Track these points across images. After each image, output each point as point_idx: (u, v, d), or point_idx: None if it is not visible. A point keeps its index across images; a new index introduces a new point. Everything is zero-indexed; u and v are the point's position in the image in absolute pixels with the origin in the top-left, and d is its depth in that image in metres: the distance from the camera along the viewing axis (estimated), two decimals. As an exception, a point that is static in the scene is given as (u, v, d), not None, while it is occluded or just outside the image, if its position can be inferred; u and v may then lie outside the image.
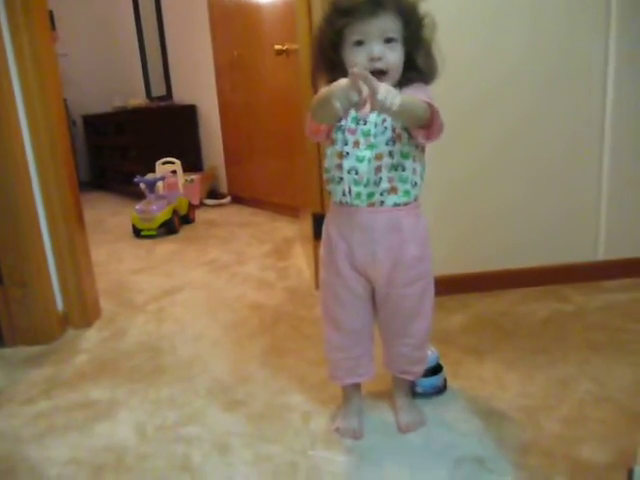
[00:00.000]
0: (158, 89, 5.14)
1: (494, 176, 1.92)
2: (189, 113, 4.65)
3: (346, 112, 0.90)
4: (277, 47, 2.34)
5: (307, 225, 2.21)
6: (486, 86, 1.84)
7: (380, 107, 0.85)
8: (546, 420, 1.20)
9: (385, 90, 0.84)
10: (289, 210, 3.41)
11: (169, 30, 4.77)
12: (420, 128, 1.00)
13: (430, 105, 0.97)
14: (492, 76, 1.83)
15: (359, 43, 1.00)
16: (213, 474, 1.12)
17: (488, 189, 1.93)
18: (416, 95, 0.97)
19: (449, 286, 1.92)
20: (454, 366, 1.44)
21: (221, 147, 4.35)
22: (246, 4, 3.62)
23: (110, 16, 5.54)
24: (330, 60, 1.05)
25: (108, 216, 4.05)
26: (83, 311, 1.92)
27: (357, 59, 1.00)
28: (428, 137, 1.02)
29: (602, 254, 2.00)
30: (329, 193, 1.13)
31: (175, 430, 1.28)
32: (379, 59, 0.99)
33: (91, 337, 1.85)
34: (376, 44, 0.99)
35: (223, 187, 4.43)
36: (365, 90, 0.86)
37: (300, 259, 2.55)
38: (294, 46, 2.14)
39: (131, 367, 1.61)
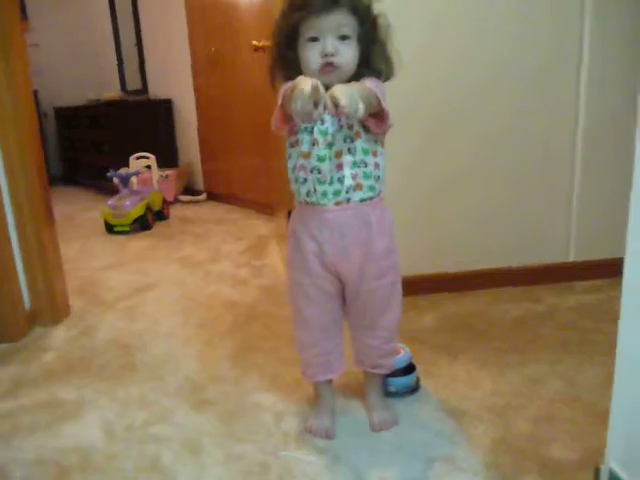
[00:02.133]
0: (133, 82, 5.06)
1: (470, 179, 1.93)
2: (165, 108, 4.58)
3: (303, 119, 0.91)
4: (255, 43, 2.32)
5: (282, 223, 2.19)
6: (464, 92, 1.85)
7: (347, 114, 0.87)
8: (517, 419, 1.22)
9: (348, 99, 0.85)
10: (265, 207, 3.39)
11: (145, 22, 4.69)
12: (371, 117, 1.00)
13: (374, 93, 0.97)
14: (470, 82, 1.85)
15: (313, 39, 1.00)
16: (183, 474, 1.10)
17: (463, 192, 1.94)
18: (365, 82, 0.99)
19: (423, 286, 1.94)
20: (427, 365, 1.45)
21: (197, 143, 4.30)
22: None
23: (85, 6, 5.42)
24: (285, 57, 1.05)
25: (80, 211, 3.97)
26: (51, 308, 1.87)
27: (311, 55, 1.00)
28: (378, 126, 1.02)
29: (574, 255, 2.03)
30: (293, 193, 1.12)
31: (145, 430, 1.26)
32: (332, 55, 0.99)
33: (59, 335, 1.80)
34: (330, 40, 0.99)
35: (199, 183, 4.38)
36: (328, 104, 0.87)
37: (275, 257, 2.54)
38: (271, 42, 2.12)
39: (100, 365, 1.58)
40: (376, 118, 1.01)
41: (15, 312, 1.76)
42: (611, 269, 1.85)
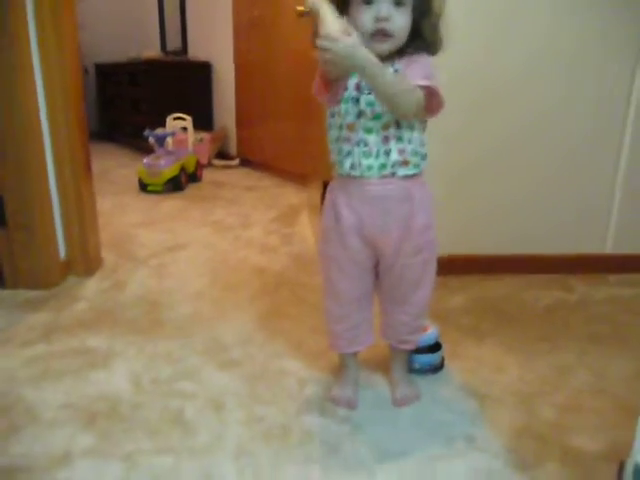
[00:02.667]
0: (173, 43, 5.05)
1: (510, 161, 1.88)
2: (204, 70, 4.57)
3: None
4: (299, 8, 2.27)
5: (316, 194, 2.18)
6: (510, 70, 1.79)
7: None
8: (541, 406, 1.20)
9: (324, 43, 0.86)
10: (297, 177, 3.38)
11: (190, -17, 4.66)
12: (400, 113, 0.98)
13: (425, 87, 0.95)
14: (515, 61, 1.78)
15: (368, 2, 0.96)
16: (205, 429, 1.12)
17: (502, 174, 1.89)
18: (414, 74, 0.95)
19: (454, 266, 1.91)
20: (453, 346, 1.44)
21: (233, 108, 4.29)
22: (270, -39, 3.52)
23: (130, -37, 5.41)
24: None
25: (115, 168, 4.02)
26: (85, 260, 1.91)
27: (364, 18, 0.96)
28: (427, 113, 1.01)
29: (610, 247, 1.98)
30: (334, 165, 1.09)
31: (170, 384, 1.28)
32: (386, 20, 0.96)
33: (92, 286, 1.84)
34: (385, 4, 0.95)
35: (232, 149, 4.38)
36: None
37: (305, 227, 2.54)
38: (317, 8, 2.08)
39: (130, 319, 1.61)
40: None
41: (50, 260, 1.80)
42: (649, 264, 1.80)
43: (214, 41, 4.44)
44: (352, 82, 1.02)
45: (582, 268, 1.97)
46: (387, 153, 1.02)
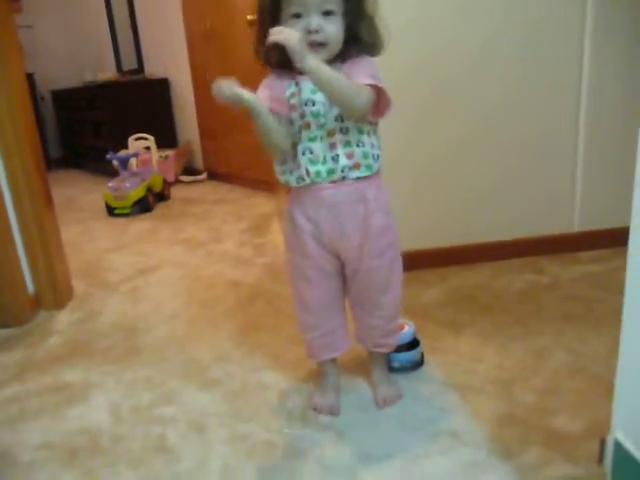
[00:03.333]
0: (129, 62, 5.00)
1: (471, 151, 1.90)
2: (162, 87, 4.53)
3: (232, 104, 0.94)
4: (249, 17, 2.26)
5: (283, 200, 2.17)
6: (462, 61, 1.81)
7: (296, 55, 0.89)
8: (521, 392, 1.21)
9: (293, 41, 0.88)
10: (266, 185, 3.36)
11: (138, 0, 4.61)
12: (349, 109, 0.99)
13: (374, 86, 0.97)
14: (467, 53, 1.80)
15: (297, 15, 0.97)
16: (189, 454, 1.11)
17: (465, 164, 1.91)
18: (358, 75, 0.97)
19: (427, 260, 1.93)
20: (431, 340, 1.44)
21: (195, 122, 4.26)
22: (217, -28, 3.50)
23: (77, -14, 5.34)
24: (266, 33, 1.01)
25: (81, 194, 3.96)
26: (55, 292, 1.87)
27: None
28: (375, 115, 1.02)
29: (577, 225, 2.01)
30: (284, 182, 1.09)
31: (151, 411, 1.26)
32: (317, 32, 0.96)
33: (64, 318, 1.81)
34: (314, 16, 0.96)
35: (199, 163, 4.35)
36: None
37: (277, 235, 2.53)
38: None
39: (105, 348, 1.59)
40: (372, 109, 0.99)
41: (18, 297, 1.76)
42: (616, 239, 1.83)
43: (169, 57, 4.41)
44: (295, 100, 1.03)
45: (552, 249, 1.99)
46: (335, 159, 1.03)
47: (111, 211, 3.20)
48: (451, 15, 1.77)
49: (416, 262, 1.87)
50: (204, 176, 4.16)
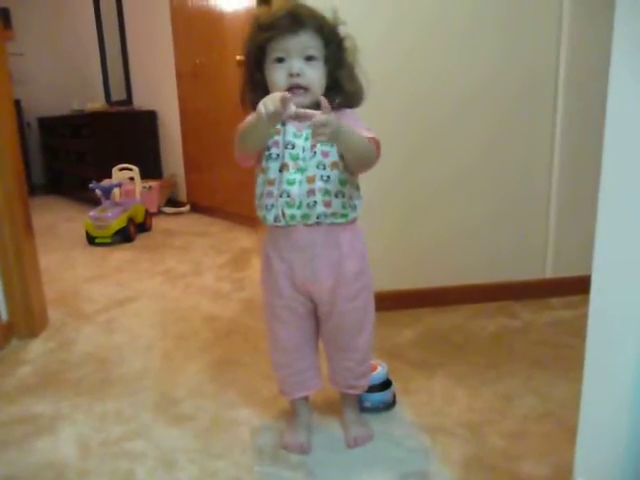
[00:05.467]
0: (118, 93, 5.06)
1: (449, 197, 1.96)
2: (149, 119, 4.59)
3: (270, 119, 0.91)
4: (239, 58, 2.33)
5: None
6: (446, 108, 1.88)
7: (312, 132, 0.90)
8: (490, 435, 1.23)
9: (320, 120, 0.88)
10: (248, 220, 3.39)
11: (130, 33, 4.71)
12: (364, 166, 1.03)
13: (372, 139, 1.01)
14: (452, 100, 1.88)
15: (280, 60, 1.01)
16: (157, 491, 1.10)
17: (442, 209, 1.97)
18: (356, 128, 1.00)
19: (402, 301, 1.96)
20: (404, 381, 1.46)
21: (181, 155, 4.31)
22: (209, 12, 3.61)
23: (70, 17, 5.43)
24: (253, 78, 1.05)
25: (62, 222, 3.94)
26: (29, 321, 1.85)
27: (277, 76, 1.01)
28: (363, 169, 1.06)
29: (550, 272, 2.07)
30: (262, 219, 1.11)
31: (120, 445, 1.25)
32: (298, 75, 1.00)
33: (36, 348, 1.79)
34: (296, 61, 1.00)
35: (182, 195, 4.38)
36: (292, 109, 0.91)
37: (257, 270, 2.51)
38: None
39: (77, 380, 1.57)
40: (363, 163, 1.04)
41: (-9, 325, 1.74)
42: (587, 285, 1.87)
43: (158, 90, 4.48)
44: (271, 141, 1.06)
45: (525, 294, 2.04)
46: (311, 205, 1.05)
47: (91, 240, 3.19)
48: (435, 65, 1.85)
49: (391, 303, 1.90)
50: (187, 208, 4.18)
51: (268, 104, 0.90)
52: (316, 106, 1.04)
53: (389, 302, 1.87)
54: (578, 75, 1.91)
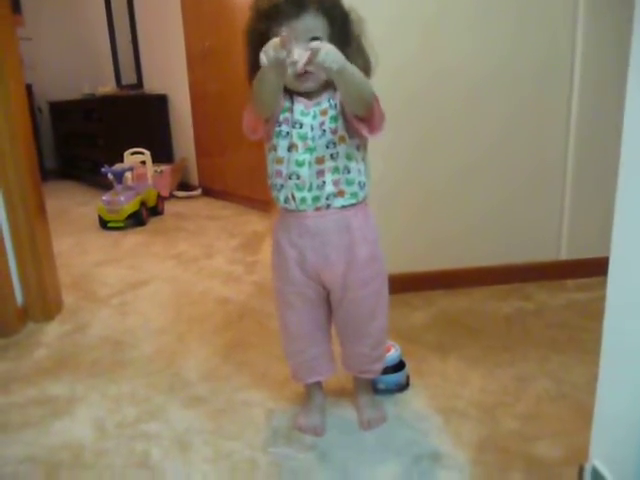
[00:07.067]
0: (128, 77, 5.04)
1: (464, 179, 1.94)
2: (160, 103, 4.57)
3: (274, 66, 0.89)
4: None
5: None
6: (460, 94, 1.86)
7: (319, 67, 0.88)
8: (504, 417, 1.23)
9: (324, 52, 0.86)
10: (260, 204, 3.39)
11: (140, 16, 4.68)
12: (362, 120, 1.00)
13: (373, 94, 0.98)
14: (466, 85, 1.85)
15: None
16: (172, 471, 1.11)
17: (458, 192, 1.95)
18: None
19: (415, 283, 1.95)
20: (418, 363, 1.46)
21: (192, 138, 4.29)
22: (219, -7, 3.57)
23: (79, 0, 5.40)
24: (257, 66, 1.03)
25: (74, 206, 3.97)
26: (44, 304, 1.87)
27: None
28: (371, 130, 1.01)
29: (565, 254, 2.04)
30: (274, 199, 1.10)
31: (135, 427, 1.26)
32: None
33: (52, 331, 1.81)
34: (301, 44, 0.96)
35: (194, 179, 4.38)
36: (296, 54, 0.88)
37: (269, 253, 2.52)
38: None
39: (92, 362, 1.58)
40: (366, 121, 1.00)
41: (7, 308, 1.76)
42: (602, 267, 1.84)
43: (169, 73, 4.45)
44: (282, 117, 1.04)
45: (540, 276, 2.02)
46: (320, 187, 1.03)
47: (104, 224, 3.21)
48: (452, 49, 1.82)
49: (405, 285, 1.89)
50: (199, 192, 4.18)
51: (268, 52, 0.87)
52: (325, 87, 1.03)
53: (402, 285, 1.85)
54: (595, 58, 1.86)
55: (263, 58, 0.88)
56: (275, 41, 0.88)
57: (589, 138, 1.94)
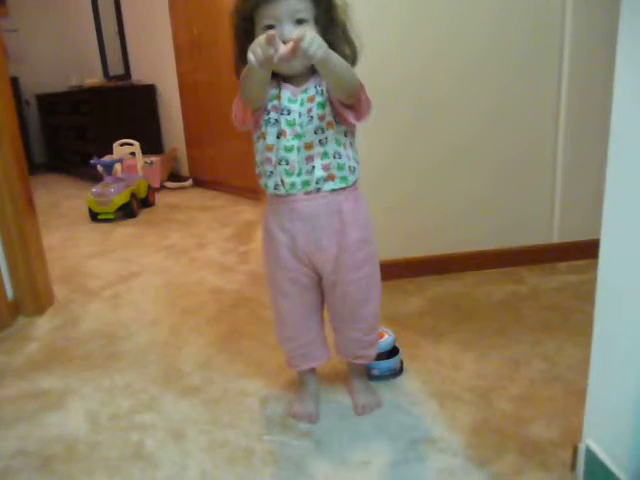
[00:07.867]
0: (116, 68, 4.99)
1: (454, 164, 1.93)
2: (148, 93, 4.53)
3: (263, 65, 0.88)
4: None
5: (267, 208, 2.18)
6: (449, 78, 1.84)
7: (304, 54, 0.86)
8: (498, 399, 1.23)
9: (310, 39, 0.85)
10: (251, 193, 3.37)
11: (126, 6, 4.62)
12: (348, 107, 1.00)
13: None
14: (454, 70, 1.84)
15: (270, 27, 0.97)
16: (167, 461, 1.10)
17: (448, 176, 1.94)
18: None
19: (408, 269, 1.94)
20: (411, 348, 1.46)
21: (182, 129, 4.26)
22: (205, -19, 3.52)
23: (64, -9, 5.32)
24: (244, 48, 1.01)
25: (64, 199, 3.93)
26: (35, 298, 1.86)
27: None
28: (358, 117, 1.01)
29: (557, 237, 2.04)
30: (262, 187, 1.10)
31: (129, 418, 1.26)
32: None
33: (43, 325, 1.79)
34: (287, 26, 0.97)
35: (185, 169, 4.35)
36: (282, 48, 0.86)
37: (261, 243, 2.52)
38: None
39: (84, 355, 1.57)
40: (353, 108, 1.00)
41: (-3, 303, 1.75)
42: (594, 249, 1.85)
43: (156, 63, 4.41)
44: (270, 105, 1.03)
45: (532, 259, 2.02)
46: (309, 171, 1.03)
47: (94, 216, 3.18)
48: (440, 32, 1.81)
49: (397, 271, 1.89)
50: (189, 183, 4.16)
51: (256, 51, 0.87)
52: (311, 73, 1.01)
53: (394, 270, 1.85)
54: (585, 41, 1.85)
55: (251, 57, 0.87)
56: (261, 39, 0.87)
57: (579, 121, 1.93)
